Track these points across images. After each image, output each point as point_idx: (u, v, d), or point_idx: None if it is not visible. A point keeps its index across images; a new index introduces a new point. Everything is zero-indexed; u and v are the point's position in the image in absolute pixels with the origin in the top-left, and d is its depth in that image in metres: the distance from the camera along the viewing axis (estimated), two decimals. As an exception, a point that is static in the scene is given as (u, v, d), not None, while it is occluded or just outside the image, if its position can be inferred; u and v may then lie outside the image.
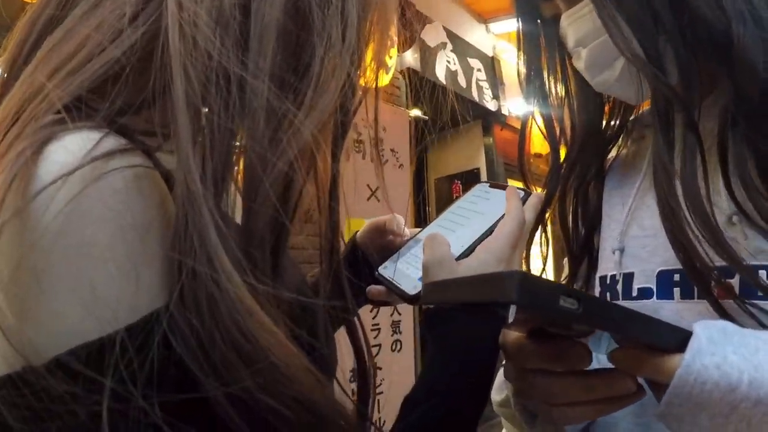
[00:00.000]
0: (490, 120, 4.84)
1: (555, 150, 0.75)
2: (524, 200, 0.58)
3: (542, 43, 0.74)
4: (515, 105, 4.82)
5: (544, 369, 0.45)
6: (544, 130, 0.75)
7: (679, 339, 0.37)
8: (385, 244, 0.72)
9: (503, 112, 4.87)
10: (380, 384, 3.08)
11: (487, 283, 0.35)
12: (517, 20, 0.75)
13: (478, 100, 4.52)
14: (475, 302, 0.37)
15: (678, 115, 0.53)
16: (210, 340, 0.27)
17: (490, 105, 4.70)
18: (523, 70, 0.76)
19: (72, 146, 0.29)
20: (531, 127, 0.77)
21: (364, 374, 0.44)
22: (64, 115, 0.30)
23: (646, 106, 0.65)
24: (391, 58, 3.15)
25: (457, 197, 0.66)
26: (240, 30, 0.34)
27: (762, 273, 0.49)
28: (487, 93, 4.68)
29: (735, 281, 0.50)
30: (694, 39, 0.52)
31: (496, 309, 0.37)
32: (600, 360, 0.48)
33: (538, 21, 0.73)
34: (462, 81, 4.29)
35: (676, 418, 0.37)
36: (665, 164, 0.52)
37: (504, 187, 0.61)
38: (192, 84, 0.31)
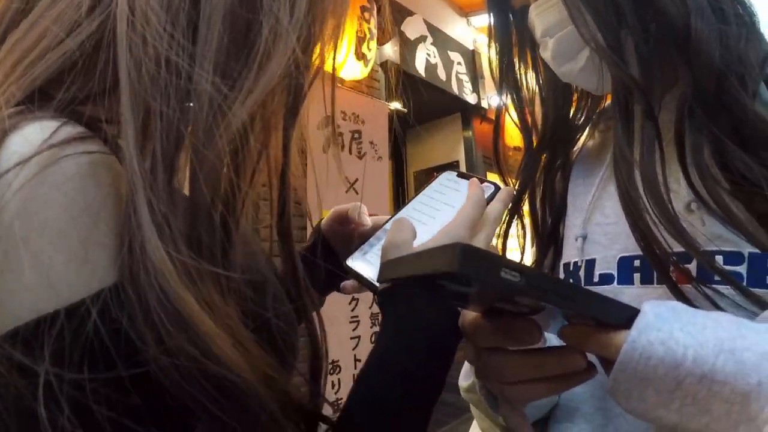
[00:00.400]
0: (469, 113, 4.86)
1: (528, 141, 0.76)
2: (494, 194, 0.58)
3: (513, 34, 0.75)
4: (495, 98, 4.83)
5: (498, 347, 0.46)
6: (518, 122, 0.76)
7: (628, 316, 0.38)
8: (348, 233, 0.71)
9: (483, 105, 4.89)
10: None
11: (432, 255, 0.34)
12: (489, 12, 0.76)
13: (457, 93, 4.54)
14: (421, 275, 0.36)
15: (638, 106, 0.54)
16: (145, 314, 0.29)
17: (470, 98, 4.72)
18: (495, 61, 0.77)
19: (30, 135, 0.30)
20: (505, 120, 0.78)
21: (316, 353, 0.44)
22: (24, 107, 0.32)
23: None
24: (370, 50, 3.14)
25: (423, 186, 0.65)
26: (189, 17, 0.35)
27: (719, 258, 0.51)
28: (467, 86, 4.70)
29: (693, 266, 0.52)
30: (656, 32, 0.54)
31: (443, 282, 0.36)
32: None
33: (509, 13, 0.74)
34: (442, 74, 4.30)
35: (623, 393, 0.38)
36: (625, 153, 0.53)
37: (470, 177, 0.61)
38: (138, 73, 0.33)
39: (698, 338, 0.36)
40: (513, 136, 0.90)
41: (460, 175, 0.63)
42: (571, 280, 0.65)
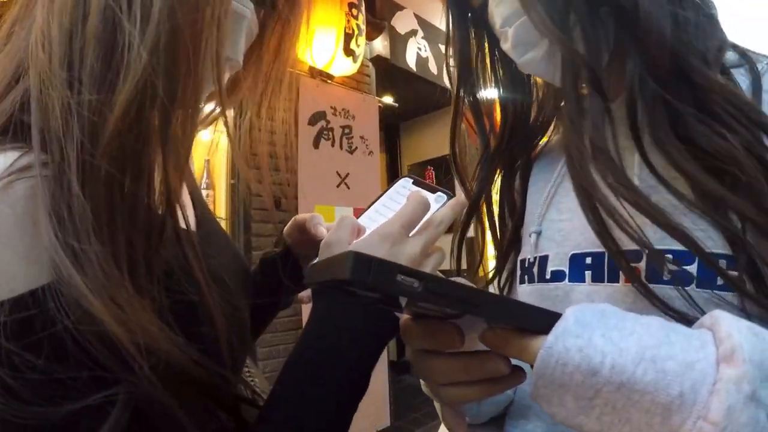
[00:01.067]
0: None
1: (484, 140, 0.76)
2: (445, 203, 0.58)
3: (472, 35, 0.75)
4: (487, 91, 4.83)
5: (426, 350, 0.47)
6: (474, 125, 0.76)
7: (550, 322, 0.37)
8: (306, 241, 0.72)
9: (475, 98, 4.87)
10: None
11: (334, 262, 0.35)
12: (447, 13, 0.75)
13: (449, 87, 4.54)
14: (327, 280, 0.37)
15: (588, 88, 0.54)
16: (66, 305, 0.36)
17: (462, 91, 4.71)
18: (454, 64, 0.76)
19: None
20: (460, 122, 0.77)
21: (216, 340, 0.46)
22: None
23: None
24: (359, 46, 3.16)
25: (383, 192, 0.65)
26: (71, 47, 0.41)
27: (669, 257, 0.50)
28: (459, 79, 4.69)
29: (642, 265, 0.52)
30: (607, 15, 0.55)
31: (353, 288, 0.36)
32: None
33: (468, 13, 0.74)
34: (433, 68, 4.31)
35: (545, 399, 0.37)
36: (576, 134, 0.53)
37: (425, 186, 0.61)
38: (40, 107, 0.40)
39: (620, 345, 0.35)
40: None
41: (416, 183, 0.63)
42: (526, 277, 0.66)
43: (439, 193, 0.59)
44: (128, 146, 0.40)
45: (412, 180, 0.64)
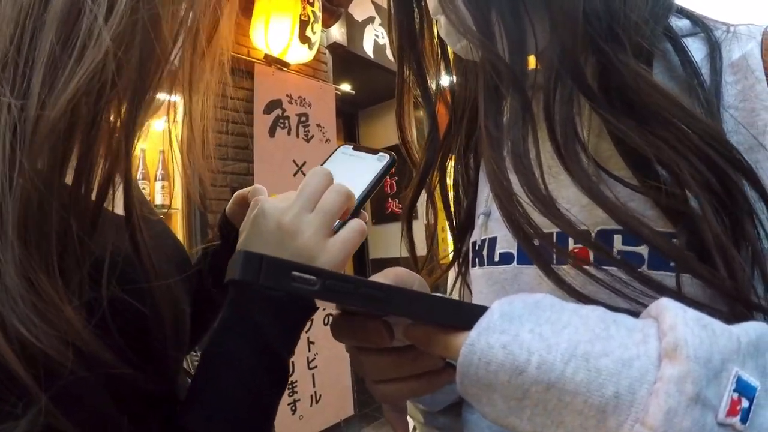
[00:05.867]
0: (420, 94, 4.87)
1: (432, 119, 0.72)
2: (389, 164, 0.58)
3: (415, 12, 0.70)
4: (447, 78, 4.85)
5: (356, 346, 0.45)
6: (423, 103, 0.72)
7: (476, 316, 0.34)
8: None
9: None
10: (314, 359, 3.13)
11: (232, 261, 0.33)
12: None
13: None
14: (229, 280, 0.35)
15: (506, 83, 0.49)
16: None
17: (420, 79, 4.72)
18: (395, 42, 0.71)
19: None
20: (410, 105, 0.74)
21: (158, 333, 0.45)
22: None
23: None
24: (315, 33, 3.12)
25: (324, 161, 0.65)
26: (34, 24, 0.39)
27: (617, 237, 0.48)
28: (417, 67, 4.70)
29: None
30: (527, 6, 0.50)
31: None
32: None
33: None
34: (391, 55, 4.30)
35: (474, 398, 0.34)
36: (490, 129, 0.51)
37: (367, 150, 0.61)
38: None
39: (549, 341, 0.32)
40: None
41: (356, 149, 0.63)
42: (477, 260, 0.63)
43: (380, 153, 0.59)
44: (75, 132, 0.38)
45: (351, 146, 0.64)
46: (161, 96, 0.57)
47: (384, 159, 0.59)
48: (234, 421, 0.45)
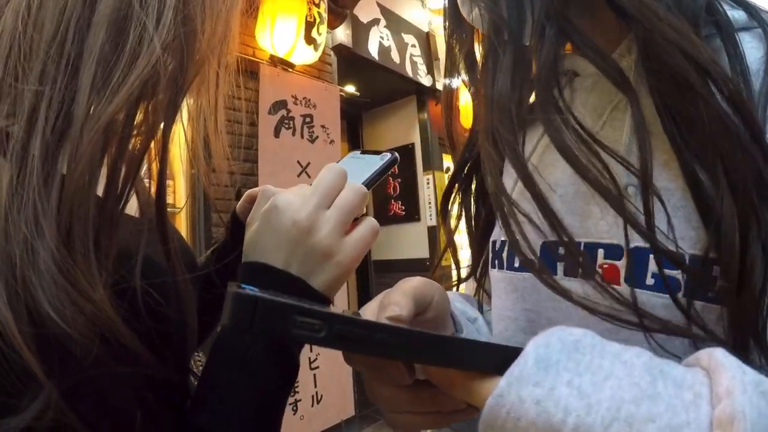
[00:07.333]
0: (424, 95, 4.88)
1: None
2: (391, 161, 0.58)
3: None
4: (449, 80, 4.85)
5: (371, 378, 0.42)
6: (443, 103, 0.70)
7: (505, 358, 0.30)
8: None
9: (438, 87, 4.91)
10: (315, 359, 3.14)
11: (226, 300, 0.29)
12: None
13: (411, 76, 4.55)
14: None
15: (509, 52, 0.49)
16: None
17: (425, 80, 4.73)
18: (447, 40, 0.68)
19: None
20: (458, 101, 0.71)
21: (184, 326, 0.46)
22: None
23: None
24: (320, 34, 3.13)
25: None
26: (78, 23, 0.41)
27: (600, 251, 0.46)
28: (422, 68, 4.71)
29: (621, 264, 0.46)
30: None
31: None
32: None
33: None
34: (395, 57, 4.31)
35: None
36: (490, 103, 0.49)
37: (373, 152, 0.61)
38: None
39: (590, 398, 0.28)
40: (469, 116, 0.80)
41: (364, 153, 0.63)
42: (496, 262, 0.60)
43: (383, 153, 0.59)
44: (122, 134, 0.40)
45: (359, 151, 0.64)
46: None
47: (386, 157, 0.59)
48: (246, 418, 0.45)
